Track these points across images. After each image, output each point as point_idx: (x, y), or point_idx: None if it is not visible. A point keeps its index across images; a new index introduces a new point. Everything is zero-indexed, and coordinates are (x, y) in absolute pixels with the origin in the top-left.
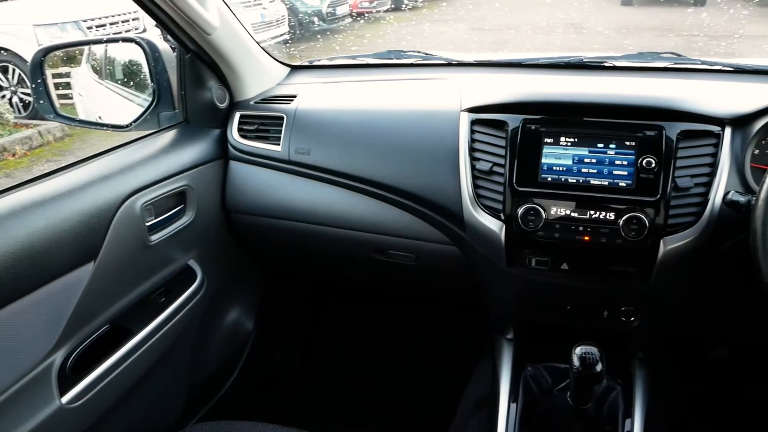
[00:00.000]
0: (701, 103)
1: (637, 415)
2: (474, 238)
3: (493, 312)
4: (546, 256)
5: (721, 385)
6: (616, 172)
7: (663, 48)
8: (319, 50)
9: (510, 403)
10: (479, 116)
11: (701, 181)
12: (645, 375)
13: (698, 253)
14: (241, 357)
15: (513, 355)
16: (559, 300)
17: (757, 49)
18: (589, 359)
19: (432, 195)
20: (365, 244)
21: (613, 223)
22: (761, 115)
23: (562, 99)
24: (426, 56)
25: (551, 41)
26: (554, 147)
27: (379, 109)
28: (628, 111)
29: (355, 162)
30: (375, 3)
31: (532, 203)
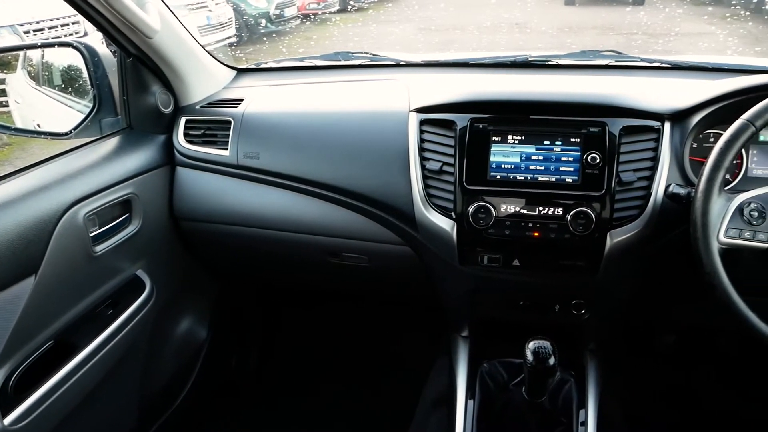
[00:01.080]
0: (641, 99)
1: (591, 405)
2: (426, 238)
3: (447, 310)
4: (497, 253)
5: (670, 371)
6: (562, 169)
7: (605, 46)
8: (266, 53)
9: (467, 399)
10: (428, 116)
11: (644, 175)
12: (597, 365)
13: (643, 245)
14: (195, 366)
15: (469, 352)
16: (512, 296)
17: (692, 47)
18: (542, 353)
19: (383, 196)
20: (318, 248)
21: (561, 218)
22: (698, 109)
23: (508, 98)
24: (374, 57)
25: (496, 41)
26: (502, 145)
27: (328, 111)
28: (573, 108)
29: (304, 165)
30: (323, 4)
31: (483, 201)
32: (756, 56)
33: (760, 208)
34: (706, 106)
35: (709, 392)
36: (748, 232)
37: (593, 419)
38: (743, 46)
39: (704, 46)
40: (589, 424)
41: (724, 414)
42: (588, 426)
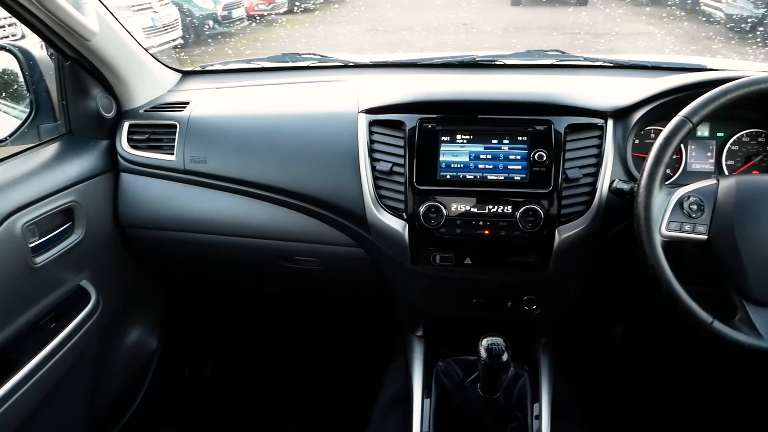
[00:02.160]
0: (585, 97)
1: (544, 399)
2: (378, 239)
3: (401, 310)
4: (449, 252)
5: (618, 361)
6: (510, 167)
7: (550, 46)
8: (211, 54)
9: (423, 399)
10: (377, 117)
11: (589, 172)
12: (549, 359)
13: (590, 240)
14: (146, 377)
15: (424, 351)
16: (465, 294)
17: (632, 46)
18: (495, 350)
19: (334, 198)
20: (270, 252)
21: (511, 216)
22: (639, 107)
23: (456, 98)
24: (322, 58)
25: (443, 41)
26: (451, 145)
27: (276, 113)
28: (519, 107)
29: (254, 168)
30: (271, 5)
31: (433, 201)
32: (692, 55)
33: (698, 202)
34: (646, 104)
35: (655, 380)
36: (688, 224)
37: (547, 412)
38: (680, 44)
39: (643, 45)
40: (543, 417)
41: (670, 399)
42: (542, 419)
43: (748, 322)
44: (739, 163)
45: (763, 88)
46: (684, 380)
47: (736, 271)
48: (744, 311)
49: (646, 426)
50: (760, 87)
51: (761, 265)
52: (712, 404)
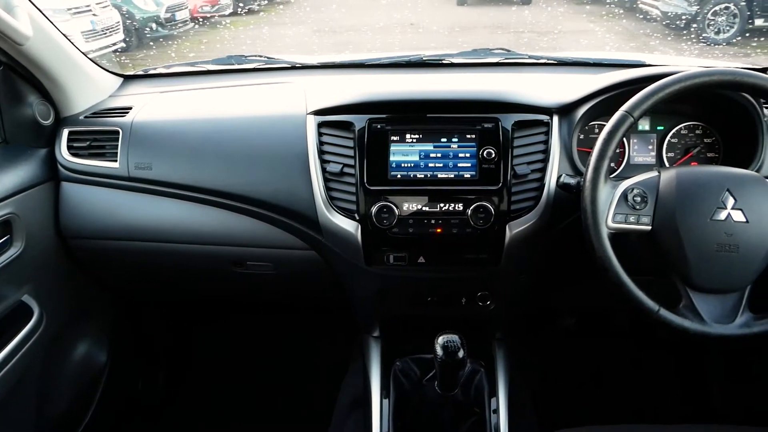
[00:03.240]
0: (530, 95)
1: (501, 392)
2: (331, 241)
3: (357, 312)
4: (403, 251)
5: (572, 351)
6: (460, 165)
7: (495, 44)
8: (154, 58)
9: (382, 399)
10: (325, 118)
11: (537, 167)
12: (505, 353)
13: (540, 234)
14: (96, 393)
15: (381, 351)
16: (420, 292)
17: (575, 43)
18: (451, 347)
19: (285, 201)
20: (221, 258)
21: (462, 213)
22: (582, 103)
23: (404, 97)
24: (268, 60)
25: (390, 41)
26: (401, 144)
27: (223, 116)
28: (467, 105)
29: (201, 174)
30: (216, 7)
31: (385, 201)
32: (632, 51)
33: (642, 194)
34: (589, 100)
35: (607, 365)
36: (633, 216)
37: (504, 406)
38: (620, 42)
39: (585, 43)
40: (501, 410)
41: (622, 383)
42: (500, 413)
43: (692, 308)
44: (678, 155)
45: (698, 83)
46: (634, 364)
47: (679, 260)
48: (688, 298)
49: (601, 410)
50: (696, 81)
51: (702, 254)
52: (661, 384)
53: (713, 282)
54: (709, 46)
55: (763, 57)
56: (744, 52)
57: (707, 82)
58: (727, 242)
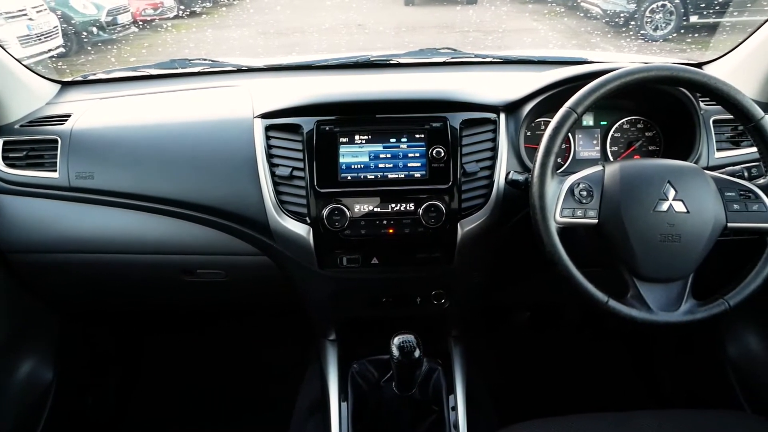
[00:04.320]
0: (477, 93)
1: (459, 389)
2: (283, 245)
3: (312, 316)
4: (356, 253)
5: (527, 343)
6: (410, 165)
7: (442, 44)
8: (95, 63)
9: (340, 403)
10: (273, 121)
11: (486, 165)
12: (461, 350)
13: (491, 231)
14: (43, 412)
15: (338, 355)
16: (374, 294)
17: (519, 42)
18: (407, 347)
19: (234, 207)
20: (170, 267)
21: (413, 213)
22: (528, 100)
23: (352, 98)
24: (213, 63)
25: (337, 42)
26: (350, 146)
27: (167, 122)
28: (415, 105)
29: (146, 181)
30: (159, 10)
31: (336, 203)
32: (574, 48)
33: (588, 188)
34: (534, 97)
35: (562, 358)
36: (580, 210)
37: (462, 402)
38: (563, 39)
39: (529, 41)
40: (459, 407)
41: (577, 376)
42: (458, 409)
43: (639, 298)
44: (622, 149)
45: (637, 78)
46: (588, 354)
47: (625, 251)
48: (635, 288)
49: (558, 401)
50: (635, 77)
51: (647, 245)
52: (614, 373)
53: (658, 271)
54: (647, 42)
55: (698, 52)
56: (680, 48)
57: (646, 78)
58: (669, 232)
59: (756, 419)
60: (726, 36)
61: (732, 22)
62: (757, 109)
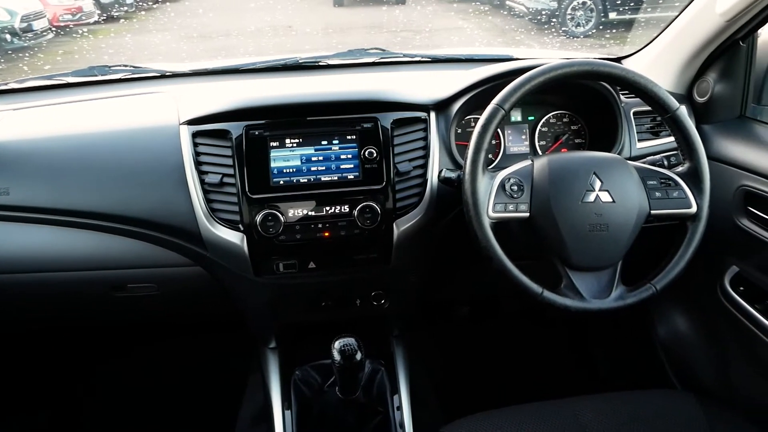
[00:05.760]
0: (407, 93)
1: (403, 389)
2: (216, 254)
3: (251, 324)
4: (292, 258)
5: (469, 337)
6: (343, 166)
7: (372, 44)
8: (6, 72)
9: (284, 411)
10: (200, 128)
11: (418, 164)
12: (403, 350)
13: (427, 229)
14: None
15: (279, 362)
16: (313, 298)
17: (447, 41)
18: (348, 350)
19: (163, 217)
20: (98, 283)
21: (349, 215)
22: (457, 98)
23: (281, 102)
24: (135, 69)
25: (264, 45)
26: (281, 150)
27: (88, 132)
28: (345, 106)
29: (67, 195)
30: (79, 15)
31: (269, 209)
32: (501, 46)
33: (518, 182)
34: (463, 95)
35: (504, 349)
36: (512, 204)
37: (407, 401)
38: (490, 37)
39: (456, 40)
40: (404, 406)
41: (520, 365)
42: (403, 409)
43: (573, 287)
44: (549, 143)
45: (560, 74)
46: (529, 344)
47: (556, 243)
48: (568, 278)
49: (502, 392)
50: (558, 73)
51: (576, 235)
52: (556, 360)
53: (588, 260)
54: (569, 39)
55: (617, 47)
56: (600, 44)
57: (568, 73)
58: (597, 222)
59: (685, 395)
60: (642, 31)
61: (646, 18)
62: (672, 101)
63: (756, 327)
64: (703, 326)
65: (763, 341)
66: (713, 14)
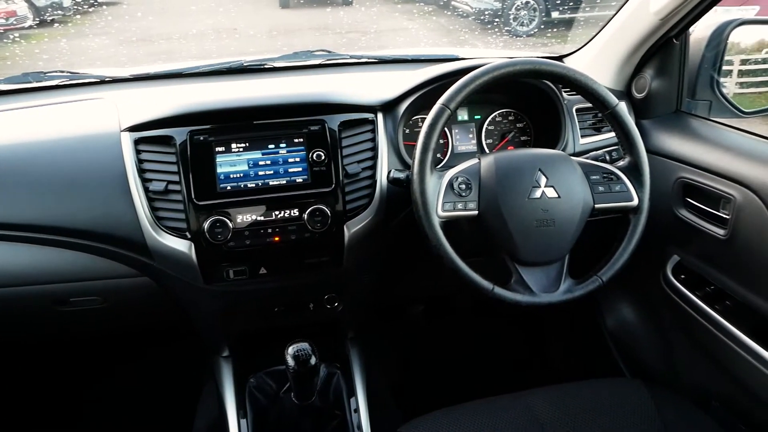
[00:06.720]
0: (354, 94)
1: (359, 391)
2: (163, 264)
3: (202, 333)
4: (242, 264)
5: (424, 335)
6: (291, 170)
7: (319, 46)
8: None
9: (239, 419)
10: (142, 134)
11: (367, 165)
12: (359, 352)
13: (379, 230)
14: None
15: (233, 371)
16: (265, 304)
17: (393, 41)
18: (302, 355)
19: (106, 227)
20: (39, 298)
21: (298, 218)
22: (403, 98)
23: (226, 106)
24: (73, 75)
25: (208, 48)
26: (227, 155)
27: (23, 141)
28: (292, 109)
29: (3, 208)
30: (12, 19)
31: (217, 215)
32: (446, 46)
33: (466, 181)
34: (409, 95)
35: (460, 346)
36: (460, 203)
37: (364, 403)
38: (436, 37)
39: (402, 41)
40: (361, 408)
41: (476, 361)
42: (360, 411)
43: (522, 282)
44: (496, 141)
45: (504, 73)
46: (484, 339)
47: (505, 239)
48: (517, 274)
49: (460, 388)
50: (502, 72)
51: (524, 231)
52: (512, 354)
53: (537, 255)
54: (512, 38)
55: (559, 46)
56: (542, 42)
57: (511, 72)
58: (544, 218)
59: (634, 383)
60: (582, 30)
61: (586, 17)
62: (612, 97)
63: (697, 313)
64: (649, 315)
65: (703, 326)
66: (647, 13)
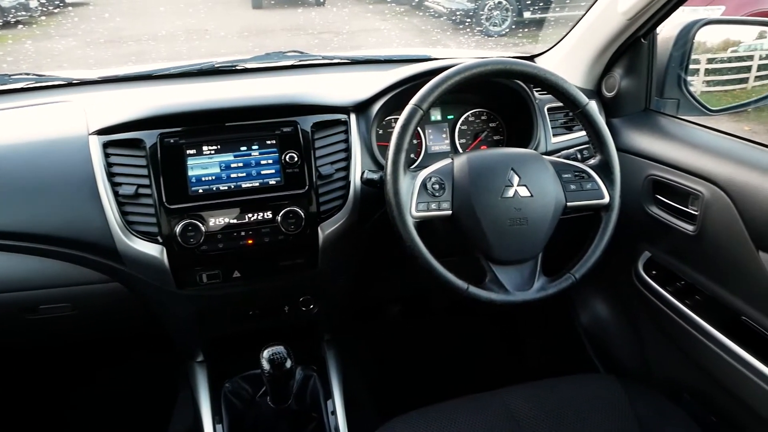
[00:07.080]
0: (326, 95)
1: (336, 393)
2: (135, 269)
3: (176, 339)
4: (216, 268)
5: (401, 335)
6: (264, 172)
7: (292, 46)
8: None
9: (215, 425)
10: (111, 137)
11: (341, 166)
12: (335, 353)
13: (353, 231)
14: None
15: (207, 376)
16: (240, 308)
17: (365, 42)
18: (277, 359)
19: (75, 233)
20: (7, 306)
21: (272, 221)
22: (376, 99)
23: (197, 107)
24: (39, 78)
25: (177, 50)
26: (199, 157)
27: None
28: (264, 111)
29: None
30: None
31: (189, 219)
32: (419, 46)
33: (439, 181)
34: (382, 95)
35: (437, 345)
36: (434, 203)
37: (341, 405)
38: (408, 38)
39: (375, 41)
40: (338, 410)
41: (453, 360)
42: (337, 413)
43: (496, 281)
44: (469, 141)
45: (476, 72)
46: (462, 338)
47: (479, 238)
48: (492, 272)
49: (437, 388)
50: (474, 71)
51: (498, 230)
52: (489, 353)
53: (510, 254)
54: (484, 38)
55: (531, 46)
56: (514, 42)
57: (483, 72)
58: (517, 216)
59: (607, 379)
60: (552, 30)
61: (556, 17)
62: (582, 96)
63: (668, 308)
64: (621, 311)
65: (674, 321)
66: (616, 13)
